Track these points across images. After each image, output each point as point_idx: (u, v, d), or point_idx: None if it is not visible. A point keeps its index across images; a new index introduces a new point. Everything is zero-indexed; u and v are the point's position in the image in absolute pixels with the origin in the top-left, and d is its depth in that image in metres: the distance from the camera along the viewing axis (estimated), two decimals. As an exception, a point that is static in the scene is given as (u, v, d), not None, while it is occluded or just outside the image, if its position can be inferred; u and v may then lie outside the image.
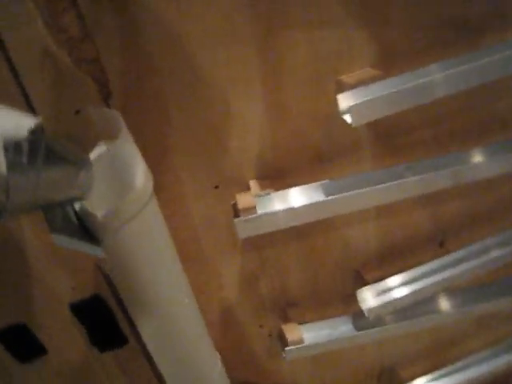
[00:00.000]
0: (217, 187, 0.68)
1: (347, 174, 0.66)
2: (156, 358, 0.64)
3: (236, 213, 0.62)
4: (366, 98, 0.56)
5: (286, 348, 0.73)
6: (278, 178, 0.67)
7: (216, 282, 0.76)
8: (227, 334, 0.81)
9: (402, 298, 0.73)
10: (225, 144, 0.65)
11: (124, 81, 0.59)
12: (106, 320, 0.73)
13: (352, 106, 0.56)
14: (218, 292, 0.77)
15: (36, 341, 0.72)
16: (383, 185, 0.62)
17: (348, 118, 0.57)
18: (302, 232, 0.73)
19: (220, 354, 0.76)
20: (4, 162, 0.40)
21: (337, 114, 0.60)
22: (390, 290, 0.74)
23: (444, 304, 0.80)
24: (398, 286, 0.74)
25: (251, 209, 0.61)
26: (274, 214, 0.61)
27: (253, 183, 0.66)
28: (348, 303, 0.79)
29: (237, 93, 0.62)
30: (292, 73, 0.61)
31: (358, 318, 0.76)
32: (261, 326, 0.81)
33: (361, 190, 0.61)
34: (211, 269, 0.74)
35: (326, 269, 0.78)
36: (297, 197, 0.63)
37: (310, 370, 0.91)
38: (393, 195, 0.64)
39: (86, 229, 0.53)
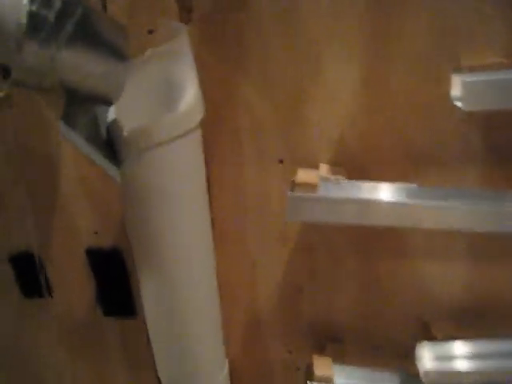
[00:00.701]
0: (281, 162, 0.57)
1: (442, 184, 0.52)
2: (151, 332, 0.53)
3: (293, 188, 0.50)
4: (483, 80, 0.45)
5: (310, 383, 0.58)
6: (354, 169, 0.55)
7: (250, 278, 0.63)
8: (247, 347, 0.68)
9: (468, 374, 0.55)
10: (305, 113, 0.54)
11: (207, 14, 0.51)
12: (119, 280, 0.64)
13: (466, 87, 0.43)
14: (250, 292, 0.64)
15: (45, 277, 0.65)
16: (484, 206, 0.47)
17: (460, 103, 0.44)
18: (368, 249, 0.59)
19: (231, 368, 0.64)
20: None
21: (447, 110, 0.47)
22: (458, 357, 0.56)
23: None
24: (469, 357, 0.56)
25: (311, 186, 0.48)
26: (338, 201, 0.48)
27: (323, 166, 0.54)
28: (402, 357, 0.62)
29: (333, 54, 0.51)
30: (402, 47, 0.49)
31: (409, 378, 0.58)
32: (290, 352, 0.67)
33: (452, 203, 0.46)
34: (249, 261, 0.63)
35: (388, 307, 0.62)
36: (370, 191, 0.50)
37: None
38: (493, 225, 0.48)
39: (111, 143, 0.45)
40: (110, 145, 0.44)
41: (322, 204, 0.49)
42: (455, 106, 0.46)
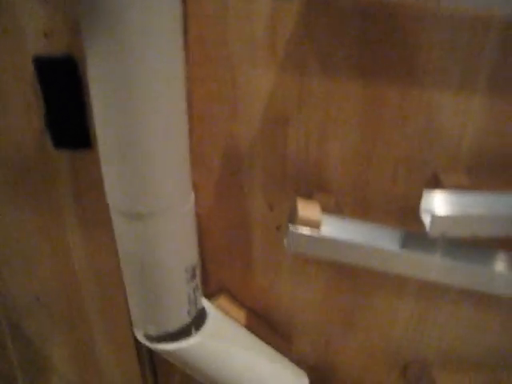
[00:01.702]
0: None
1: None
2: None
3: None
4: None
5: (292, 226, 0.49)
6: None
7: (228, 108, 0.52)
8: (221, 198, 0.58)
9: (481, 222, 0.47)
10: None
11: None
12: (72, 102, 0.53)
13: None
14: (226, 125, 0.53)
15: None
16: None
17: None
18: (373, 70, 0.48)
19: (200, 225, 0.54)
20: None
21: None
22: (470, 206, 0.48)
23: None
24: (482, 206, 0.48)
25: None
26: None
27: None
28: (401, 216, 0.53)
29: None
30: None
31: (410, 235, 0.50)
32: (270, 208, 0.57)
33: None
34: (229, 82, 0.51)
35: (391, 154, 0.52)
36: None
37: (319, 326, 0.66)
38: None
39: None
40: None
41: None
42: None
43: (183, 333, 0.55)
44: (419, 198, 0.48)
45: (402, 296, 0.62)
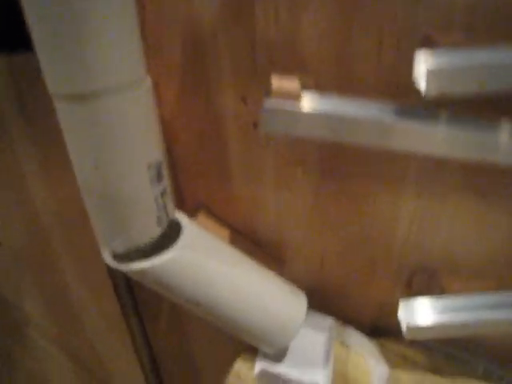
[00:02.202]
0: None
1: None
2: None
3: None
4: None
5: (267, 100, 0.42)
6: None
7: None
8: (186, 95, 0.51)
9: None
10: None
11: None
12: None
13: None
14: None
15: None
16: None
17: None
18: None
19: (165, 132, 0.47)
20: None
21: None
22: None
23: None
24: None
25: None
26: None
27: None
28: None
29: None
30: None
31: (404, 108, 0.43)
32: (244, 101, 0.50)
33: None
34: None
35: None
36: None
37: (312, 242, 0.59)
38: None
39: None
40: None
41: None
42: None
43: (156, 250, 0.48)
44: (410, 66, 0.41)
45: (400, 196, 0.55)
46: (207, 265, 0.49)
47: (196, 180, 0.56)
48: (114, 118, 0.39)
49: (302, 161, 0.53)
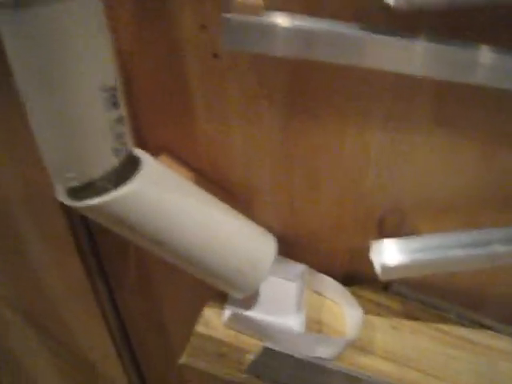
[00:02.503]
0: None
1: None
2: None
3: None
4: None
5: (227, 15, 0.39)
6: None
7: None
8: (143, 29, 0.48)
9: None
10: None
11: None
12: None
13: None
14: None
15: None
16: None
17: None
18: None
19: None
20: None
21: None
22: None
23: None
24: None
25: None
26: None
27: None
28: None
29: None
30: None
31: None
32: (203, 28, 0.48)
33: None
34: None
35: None
36: None
37: (280, 184, 0.57)
38: None
39: None
40: None
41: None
42: None
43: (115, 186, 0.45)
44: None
45: (368, 131, 0.54)
46: (169, 200, 0.47)
47: (157, 120, 0.53)
48: (57, 30, 0.36)
49: (268, 94, 0.50)
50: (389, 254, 0.56)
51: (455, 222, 0.61)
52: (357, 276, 0.67)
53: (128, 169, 0.47)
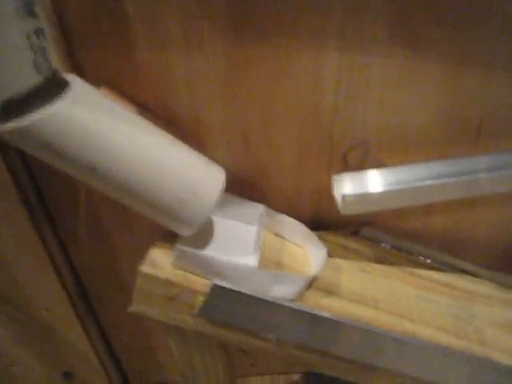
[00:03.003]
0: None
1: None
2: None
3: None
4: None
5: None
6: None
7: None
8: None
9: None
10: None
11: None
12: None
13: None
14: None
15: None
16: None
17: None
18: None
19: None
20: None
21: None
22: None
23: None
24: None
25: None
26: None
27: None
28: None
29: None
30: None
31: None
32: None
33: None
34: None
35: None
36: None
37: (231, 118, 0.53)
38: None
39: None
40: None
41: None
42: None
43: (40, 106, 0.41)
44: None
45: (323, 53, 0.49)
46: (102, 123, 0.42)
47: (93, 48, 0.48)
48: None
49: (207, 15, 0.46)
50: (350, 184, 0.52)
51: (425, 155, 0.57)
52: (325, 222, 0.63)
53: (55, 90, 0.42)
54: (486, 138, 0.57)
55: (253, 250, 0.51)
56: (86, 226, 0.62)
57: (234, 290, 0.47)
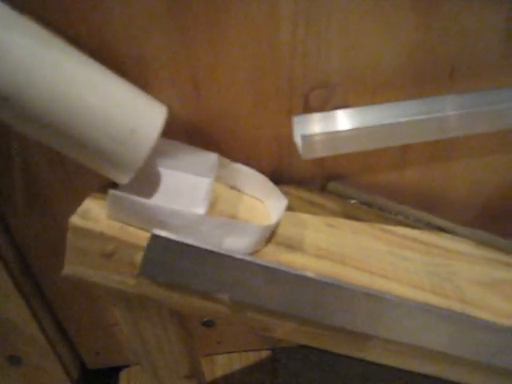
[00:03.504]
0: None
1: None
2: None
3: None
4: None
5: None
6: None
7: None
8: None
9: None
10: None
11: None
12: None
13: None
14: None
15: None
16: None
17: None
18: None
19: None
20: None
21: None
22: None
23: None
24: None
25: None
26: None
27: None
28: None
29: None
30: None
31: None
32: None
33: None
34: None
35: None
36: None
37: (177, 57, 0.47)
38: None
39: None
40: None
41: None
42: None
43: None
44: None
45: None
46: (18, 43, 0.36)
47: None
48: None
49: None
50: (311, 125, 0.46)
51: (394, 96, 0.52)
52: (287, 175, 0.57)
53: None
54: (459, 77, 0.51)
55: (202, 201, 0.45)
56: (23, 194, 0.55)
57: (178, 241, 0.41)
